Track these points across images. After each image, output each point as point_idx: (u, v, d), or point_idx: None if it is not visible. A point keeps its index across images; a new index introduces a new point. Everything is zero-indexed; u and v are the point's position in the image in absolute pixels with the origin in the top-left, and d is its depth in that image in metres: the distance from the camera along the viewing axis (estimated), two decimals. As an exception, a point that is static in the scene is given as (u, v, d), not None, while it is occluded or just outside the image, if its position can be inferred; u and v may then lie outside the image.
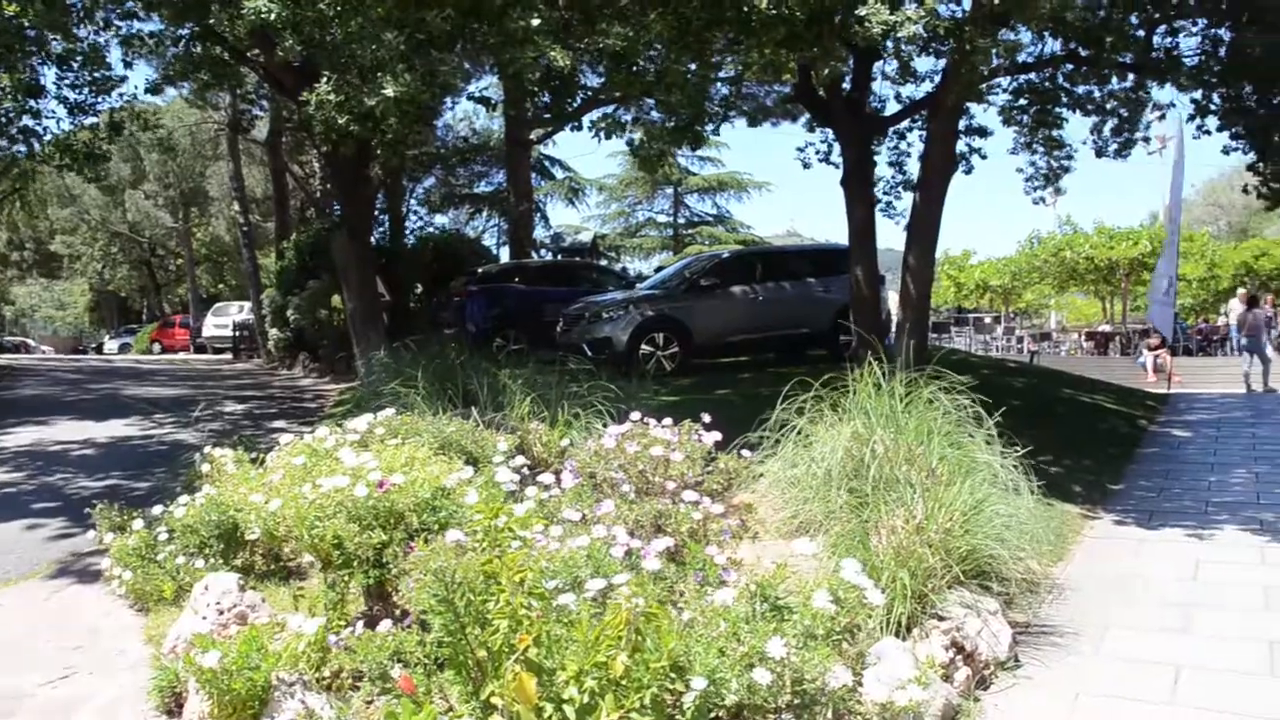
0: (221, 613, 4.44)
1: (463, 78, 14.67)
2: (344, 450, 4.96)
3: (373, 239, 17.31)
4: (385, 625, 3.71)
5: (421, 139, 19.84)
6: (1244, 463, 10.09)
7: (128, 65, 12.50)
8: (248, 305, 28.50)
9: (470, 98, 12.12)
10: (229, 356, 29.03)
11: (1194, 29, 11.73)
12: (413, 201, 27.07)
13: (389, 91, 7.29)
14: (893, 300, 15.00)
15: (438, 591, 3.36)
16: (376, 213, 19.71)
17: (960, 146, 13.43)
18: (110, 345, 43.85)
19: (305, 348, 21.10)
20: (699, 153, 38.76)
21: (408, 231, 24.32)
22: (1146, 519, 7.74)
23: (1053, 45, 12.43)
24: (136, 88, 34.27)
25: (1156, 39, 11.68)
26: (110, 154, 15.36)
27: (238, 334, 28.97)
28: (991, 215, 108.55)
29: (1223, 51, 11.05)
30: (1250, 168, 12.05)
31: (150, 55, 12.79)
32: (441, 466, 4.94)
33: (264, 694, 3.56)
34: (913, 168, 13.62)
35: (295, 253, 21.04)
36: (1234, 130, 11.78)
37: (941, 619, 4.42)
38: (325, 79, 8.36)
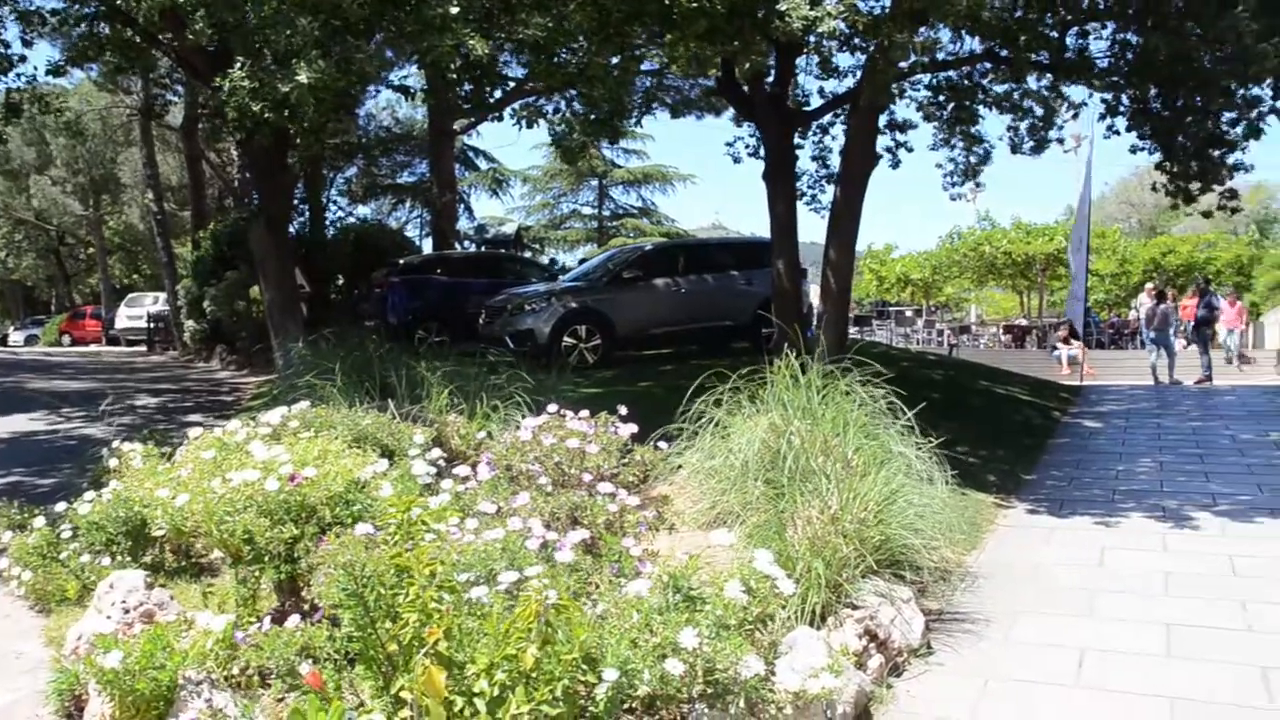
0: (127, 611, 4.31)
1: (383, 66, 14.47)
2: (255, 444, 4.87)
3: (292, 229, 16.99)
4: (294, 621, 3.64)
5: (342, 128, 19.52)
6: (1150, 452, 10.41)
7: (26, 44, 11.90)
8: (163, 296, 27.79)
9: (391, 86, 11.97)
10: (143, 349, 28.25)
11: (1104, 32, 12.05)
12: (334, 191, 26.64)
13: (303, 78, 7.13)
14: (815, 293, 15.17)
15: (347, 586, 3.31)
16: (296, 202, 19.36)
17: (885, 141, 13.64)
18: (15, 337, 42.25)
19: (223, 340, 20.66)
20: (625, 145, 38.84)
21: (329, 222, 23.92)
22: (1057, 508, 7.94)
23: (971, 44, 12.67)
24: (37, 68, 33.01)
25: (1070, 40, 11.96)
26: (7, 137, 14.72)
27: (152, 326, 28.22)
28: (914, 210, 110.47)
29: (1131, 54, 11.35)
30: (1158, 166, 12.41)
31: (53, 34, 12.30)
32: (356, 460, 4.87)
33: (169, 694, 3.47)
34: (835, 162, 13.77)
35: (212, 243, 20.58)
36: (1141, 130, 12.12)
37: (856, 607, 4.48)
38: (239, 64, 8.16)
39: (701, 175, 79.03)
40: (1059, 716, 4.11)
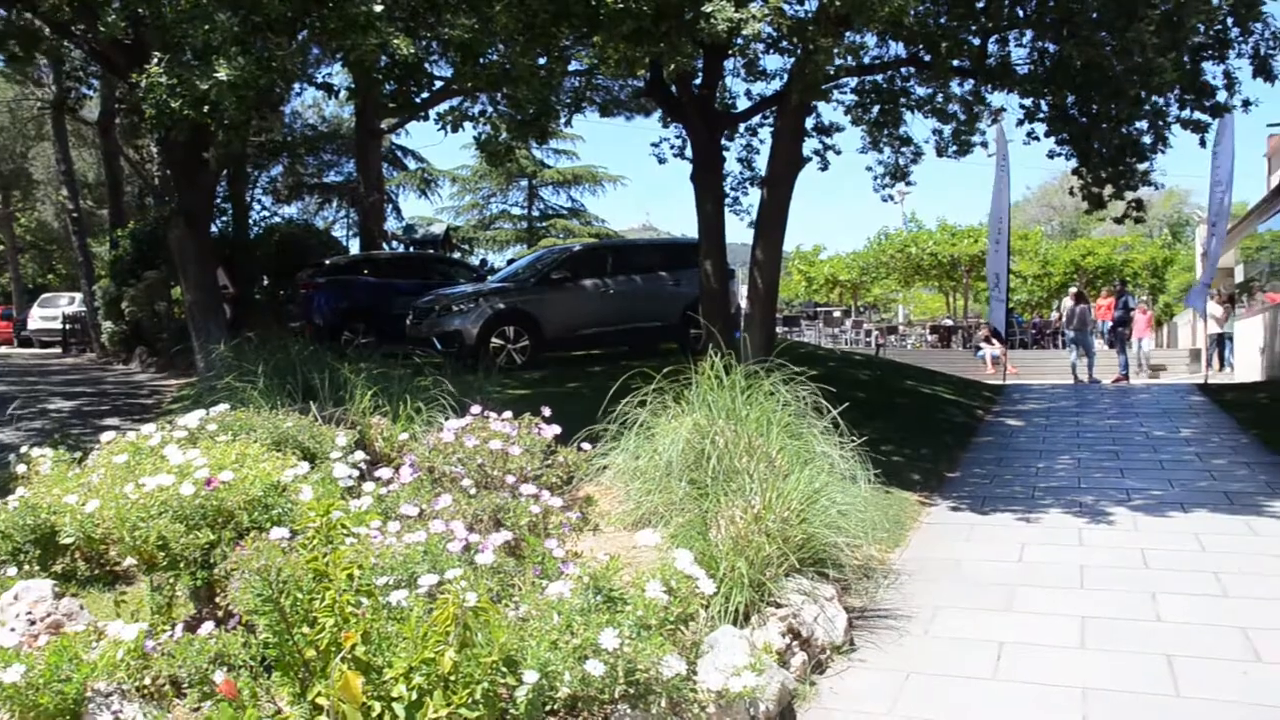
0: (33, 623, 4.17)
1: (309, 63, 14.23)
2: (170, 448, 4.75)
3: (214, 228, 16.63)
4: (208, 627, 3.56)
5: (267, 125, 19.14)
6: (1069, 449, 10.67)
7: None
8: (79, 296, 27.00)
9: (315, 84, 11.79)
10: (58, 351, 27.44)
11: (1024, 40, 12.33)
12: (258, 190, 26.16)
13: (223, 75, 6.96)
14: (743, 294, 15.29)
15: (262, 591, 3.25)
16: (218, 201, 18.97)
17: (813, 144, 13.79)
18: (-83, 338, 40.76)
19: (142, 341, 20.14)
20: (554, 146, 38.79)
21: (253, 221, 23.50)
22: (979, 505, 8.10)
23: (896, 48, 12.87)
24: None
25: (992, 47, 12.21)
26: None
27: (68, 327, 27.42)
28: (842, 211, 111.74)
29: (1048, 62, 11.62)
30: (1074, 172, 12.72)
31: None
32: (275, 463, 4.77)
33: (76, 707, 3.37)
34: (762, 164, 13.90)
35: (131, 242, 20.06)
36: (1059, 136, 12.41)
37: (779, 606, 4.51)
38: (156, 59, 7.95)
39: (632, 176, 79.37)
40: (977, 708, 4.18)
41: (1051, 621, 5.19)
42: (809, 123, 13.01)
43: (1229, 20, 10.56)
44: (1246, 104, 11.63)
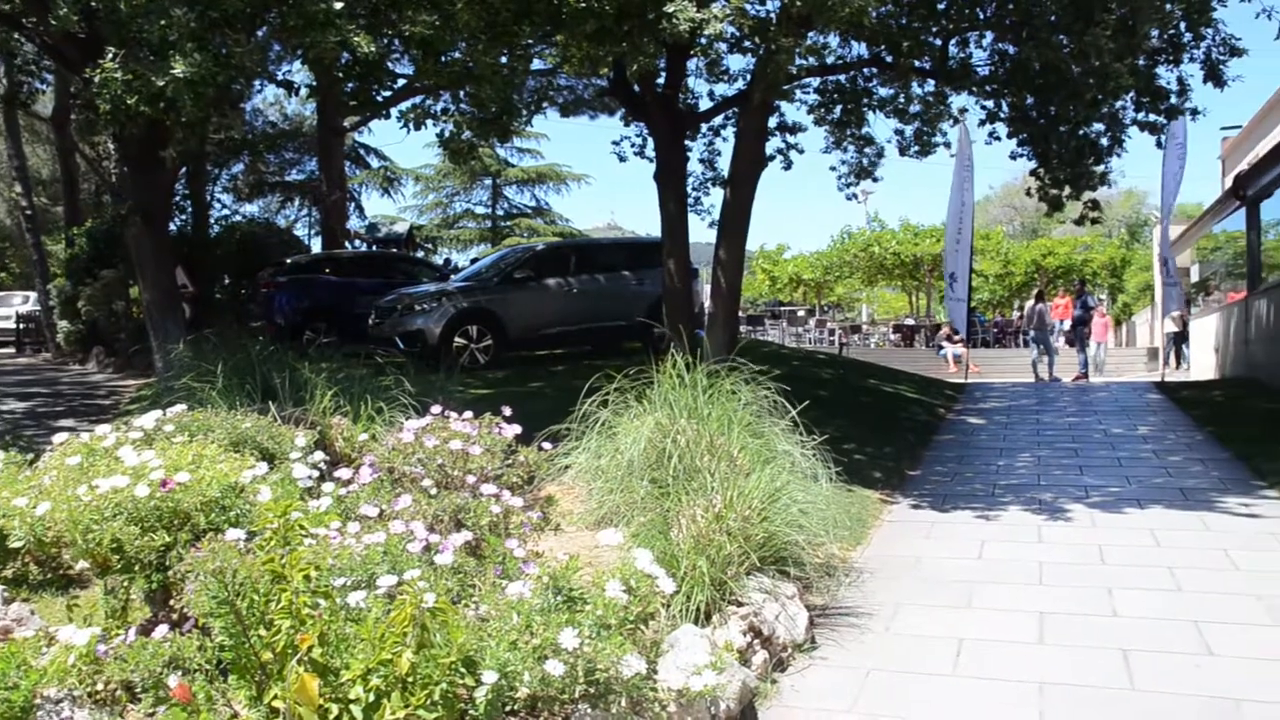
0: (-18, 628, 4.10)
1: (270, 60, 14.08)
2: (125, 449, 4.68)
3: (173, 226, 16.43)
4: (162, 631, 3.51)
5: (227, 122, 18.92)
6: (1029, 447, 10.79)
7: None
8: (33, 295, 26.55)
9: (275, 82, 11.62)
10: (11, 350, 26.99)
11: (984, 42, 12.45)
12: (218, 188, 25.86)
13: (179, 71, 6.86)
14: (707, 293, 15.34)
15: (218, 593, 3.21)
16: (178, 199, 18.74)
17: (776, 143, 13.84)
18: None
19: (100, 341, 19.87)
20: (518, 144, 38.64)
21: (213, 220, 23.25)
22: (940, 502, 8.16)
23: (859, 49, 12.94)
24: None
25: (953, 48, 12.31)
26: None
27: (22, 326, 26.98)
28: (806, 210, 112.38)
29: (1008, 64, 11.74)
30: (1033, 173, 12.85)
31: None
32: (233, 464, 4.71)
33: (25, 715, 3.31)
34: (725, 164, 13.93)
35: (88, 240, 19.81)
36: (1019, 137, 12.54)
37: (740, 605, 4.52)
38: (111, 54, 7.82)
39: (596, 175, 79.38)
40: (937, 704, 4.21)
41: (1011, 618, 5.24)
42: (772, 122, 13.07)
43: (1182, 25, 10.73)
44: (1195, 113, 11.84)
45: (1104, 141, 11.88)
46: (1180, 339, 23.76)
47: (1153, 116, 11.61)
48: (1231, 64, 11.11)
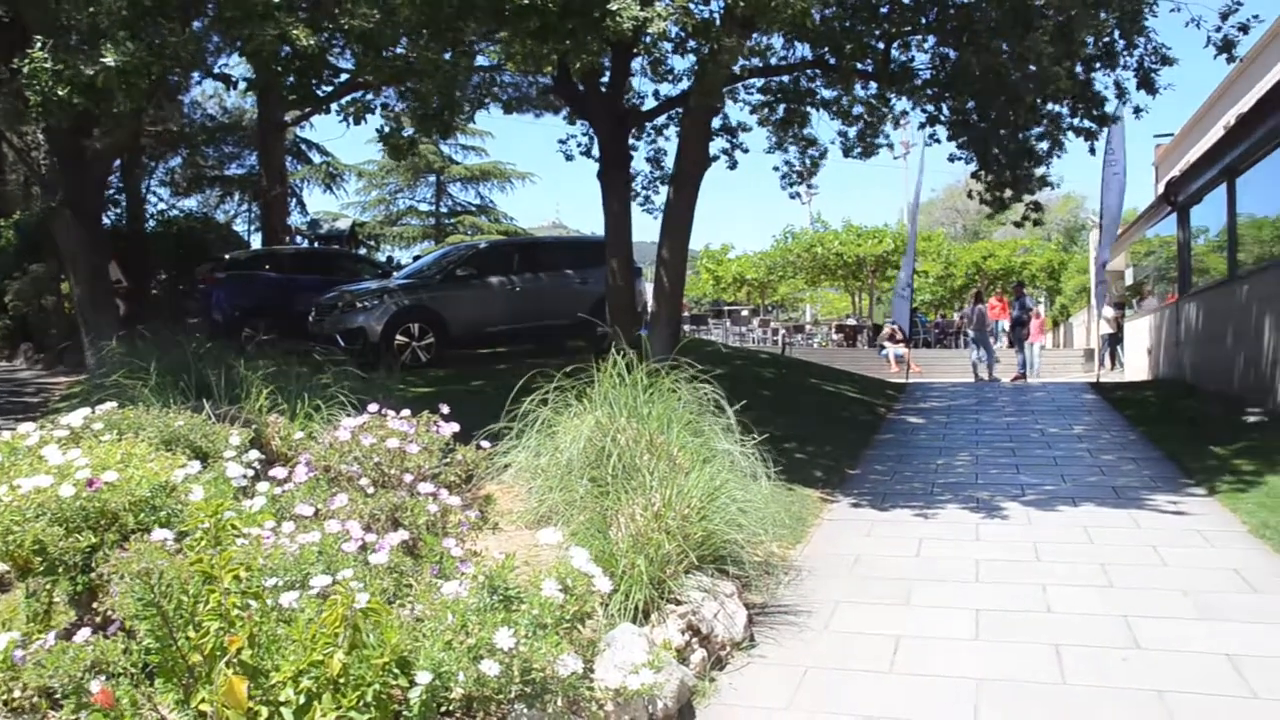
0: (-106, 636, 3.95)
1: (209, 52, 13.81)
2: (49, 447, 4.55)
3: (107, 220, 16.09)
4: (84, 634, 3.42)
5: (164, 115, 18.59)
6: (968, 446, 10.93)
7: None
8: (-41, 290, 25.84)
9: (213, 75, 11.38)
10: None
11: (926, 45, 12.61)
12: (155, 182, 25.32)
13: (110, 61, 6.69)
14: (650, 292, 15.35)
15: (144, 595, 3.13)
16: (112, 192, 18.36)
17: (721, 144, 13.90)
18: None
19: (28, 337, 19.43)
20: (463, 141, 38.35)
21: (150, 214, 22.78)
22: (880, 501, 8.23)
23: (803, 50, 13.03)
24: None
25: (895, 52, 12.44)
26: None
27: (-54, 322, 26.26)
28: (750, 210, 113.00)
29: (949, 68, 11.91)
30: (974, 175, 13.05)
31: None
32: (164, 463, 4.61)
33: (-67, 725, 3.20)
34: (670, 163, 13.96)
35: (16, 232, 19.36)
36: (960, 140, 12.72)
37: (679, 603, 4.52)
38: (39, 43, 7.62)
39: (541, 173, 79.00)
40: (873, 701, 4.24)
41: (947, 615, 5.30)
42: (716, 122, 13.14)
43: (1116, 34, 10.96)
44: (1137, 110, 12.08)
45: (1043, 145, 12.09)
46: (1115, 341, 24.27)
47: (1088, 123, 11.85)
48: (1163, 72, 11.40)
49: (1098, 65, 11.45)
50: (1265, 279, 12.65)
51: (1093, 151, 12.74)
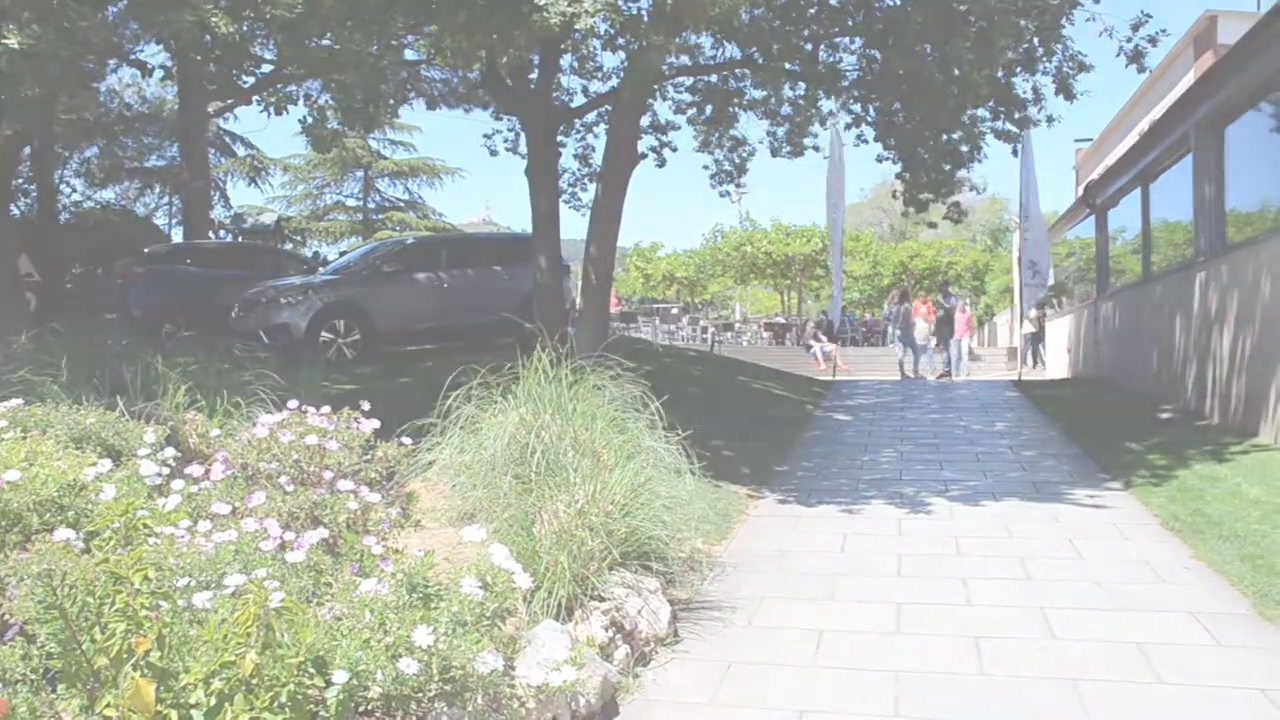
0: None
1: (127, 38, 13.42)
2: (-51, 446, 4.40)
3: (16, 211, 15.57)
4: (-21, 640, 3.29)
5: (79, 102, 18.01)
6: (893, 443, 11.08)
7: None
8: None
9: (128, 61, 10.99)
10: None
11: (853, 47, 12.74)
12: (69, 173, 24.51)
13: (13, 43, 6.46)
14: (578, 289, 15.32)
15: (45, 597, 3.02)
16: (21, 181, 17.78)
17: (650, 141, 13.90)
18: None
19: (-69, 332, 18.71)
20: (391, 136, 37.84)
21: (64, 206, 22.10)
22: (806, 497, 8.30)
23: (731, 50, 13.08)
24: None
25: (822, 53, 12.56)
26: None
27: None
28: (680, 209, 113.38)
29: (875, 69, 12.05)
30: (899, 176, 13.22)
31: None
32: (72, 461, 4.48)
33: None
34: (599, 160, 13.93)
35: (-80, 224, 18.60)
36: (886, 142, 12.88)
37: (602, 600, 4.51)
38: (-60, 25, 7.33)
39: (471, 169, 78.45)
40: (795, 694, 4.27)
41: (870, 609, 5.36)
42: (645, 120, 13.13)
43: (1035, 41, 11.20)
44: (1050, 120, 12.40)
45: (964, 148, 12.30)
46: (1036, 339, 24.83)
47: (1008, 126, 12.08)
48: (1080, 79, 11.67)
49: (1018, 70, 11.68)
50: (1175, 280, 13.05)
51: (1015, 154, 13.01)
